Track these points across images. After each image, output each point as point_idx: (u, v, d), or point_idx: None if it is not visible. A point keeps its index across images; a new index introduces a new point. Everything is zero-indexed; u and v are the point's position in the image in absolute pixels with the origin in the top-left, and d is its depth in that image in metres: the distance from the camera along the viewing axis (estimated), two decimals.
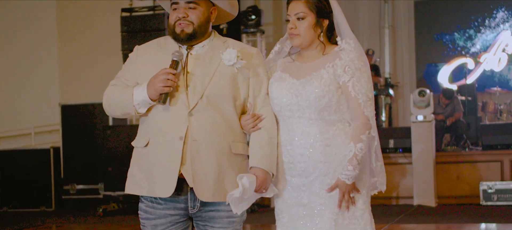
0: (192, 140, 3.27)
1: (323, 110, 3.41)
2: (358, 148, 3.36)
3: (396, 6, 14.33)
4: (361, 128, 3.39)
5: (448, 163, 10.17)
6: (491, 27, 13.75)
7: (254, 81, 3.44)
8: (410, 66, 14.05)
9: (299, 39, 3.46)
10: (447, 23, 13.97)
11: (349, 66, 3.41)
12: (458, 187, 9.88)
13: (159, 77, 3.25)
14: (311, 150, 3.41)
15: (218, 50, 3.41)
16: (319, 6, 3.46)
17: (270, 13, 14.26)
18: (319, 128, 3.41)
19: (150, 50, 3.47)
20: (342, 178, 3.37)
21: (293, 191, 3.48)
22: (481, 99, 13.01)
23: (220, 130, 3.33)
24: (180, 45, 3.42)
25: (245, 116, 3.42)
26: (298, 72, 3.49)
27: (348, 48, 3.45)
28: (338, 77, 3.42)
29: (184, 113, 3.29)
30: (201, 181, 3.28)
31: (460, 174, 9.95)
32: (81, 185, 10.64)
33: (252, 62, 3.45)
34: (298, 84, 3.43)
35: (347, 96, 3.42)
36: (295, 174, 3.46)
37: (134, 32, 10.29)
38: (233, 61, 3.36)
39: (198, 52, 3.42)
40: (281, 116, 3.48)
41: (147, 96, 3.29)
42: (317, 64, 3.47)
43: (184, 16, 3.36)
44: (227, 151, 3.35)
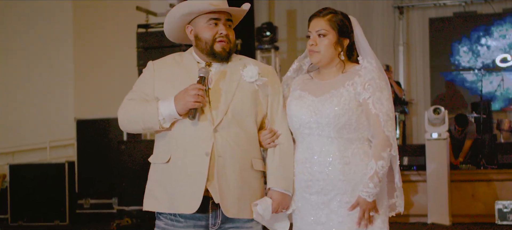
0: (217, 156, 3.28)
1: (342, 129, 3.42)
2: (379, 166, 3.37)
3: (410, 23, 14.34)
4: (382, 146, 3.40)
5: (463, 181, 10.11)
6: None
7: (272, 98, 3.48)
8: (424, 83, 14.04)
9: (319, 56, 3.49)
10: (461, 40, 13.96)
11: (369, 83, 3.43)
12: (473, 206, 9.82)
13: (190, 92, 3.25)
14: (330, 168, 3.42)
15: (237, 67, 3.45)
16: (340, 24, 3.49)
17: (284, 30, 14.31)
18: (338, 146, 3.43)
19: (167, 66, 3.48)
20: (363, 195, 3.37)
21: (312, 209, 3.48)
22: (496, 117, 12.95)
23: (243, 146, 3.36)
24: (198, 61, 3.45)
25: (263, 131, 3.45)
26: (317, 90, 3.50)
27: (370, 67, 3.48)
28: (358, 95, 3.44)
29: (209, 129, 3.30)
30: (227, 198, 3.30)
31: (475, 193, 9.89)
32: (95, 200, 10.68)
33: (270, 79, 3.49)
34: (317, 102, 3.45)
35: (367, 114, 3.43)
36: (314, 191, 3.46)
37: (150, 48, 10.34)
38: (254, 77, 3.41)
39: (218, 69, 3.44)
40: (300, 133, 3.49)
41: (175, 111, 3.28)
42: (336, 82, 3.49)
43: (227, 34, 3.39)
44: (249, 167, 3.38)
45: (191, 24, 3.45)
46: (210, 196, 3.30)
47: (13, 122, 12.52)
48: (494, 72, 13.52)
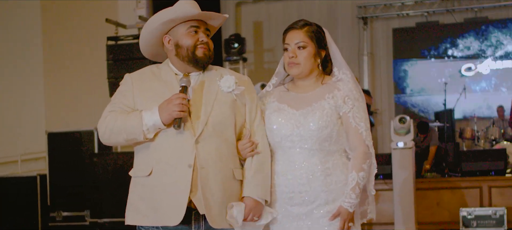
0: (200, 168, 3.32)
1: (324, 141, 3.48)
2: (360, 177, 3.46)
3: (374, 33, 14.61)
4: (363, 158, 3.49)
5: (428, 189, 10.32)
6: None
7: (249, 107, 3.52)
8: (388, 93, 14.27)
9: (299, 68, 3.54)
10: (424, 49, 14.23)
11: (348, 97, 3.51)
12: (438, 214, 10.02)
13: (174, 102, 3.28)
14: (313, 180, 3.48)
15: (214, 78, 3.48)
16: (318, 36, 3.56)
17: (251, 41, 14.45)
18: (319, 158, 3.49)
19: (145, 79, 3.49)
20: (345, 205, 3.46)
21: (293, 221, 3.53)
22: (459, 126, 13.25)
23: (224, 156, 3.40)
24: (176, 73, 3.48)
25: (242, 141, 3.48)
26: (296, 103, 3.55)
27: (346, 78, 3.58)
28: (338, 108, 3.51)
29: (191, 141, 3.33)
30: (212, 208, 3.33)
31: (440, 201, 10.09)
32: (67, 212, 10.66)
33: (247, 88, 3.52)
34: (299, 115, 3.50)
35: (347, 127, 3.51)
36: (295, 203, 3.51)
37: (120, 61, 10.34)
38: (232, 87, 3.45)
39: (196, 79, 3.48)
40: (281, 146, 3.53)
41: (160, 121, 3.31)
42: (316, 95, 3.55)
43: (207, 41, 3.46)
44: (231, 177, 3.42)
45: (169, 34, 3.48)
46: (192, 208, 3.34)
47: None
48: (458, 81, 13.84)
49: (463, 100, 13.50)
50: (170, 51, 3.50)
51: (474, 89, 13.92)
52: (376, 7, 14.53)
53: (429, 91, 13.89)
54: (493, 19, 13.94)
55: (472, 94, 13.84)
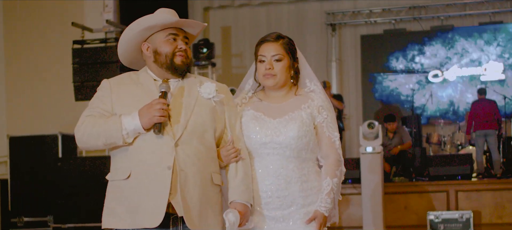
0: (179, 170, 3.32)
1: (302, 150, 3.58)
2: (334, 183, 3.58)
3: (343, 40, 14.69)
4: (336, 164, 3.62)
5: (396, 193, 10.40)
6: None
7: (229, 114, 3.56)
8: (356, 98, 14.34)
9: (275, 80, 3.62)
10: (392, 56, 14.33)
11: (322, 107, 3.63)
12: (406, 217, 10.10)
13: (155, 107, 3.29)
14: (290, 184, 3.57)
15: (194, 84, 3.51)
16: (292, 49, 3.65)
17: (219, 46, 14.43)
18: (296, 165, 3.58)
19: (124, 85, 3.49)
20: (321, 210, 3.55)
21: (271, 224, 3.60)
22: (426, 130, 13.35)
23: (203, 160, 3.41)
24: (155, 79, 3.49)
25: (226, 147, 3.51)
26: (272, 112, 3.64)
27: (317, 89, 3.68)
28: (313, 118, 3.62)
29: (170, 144, 3.33)
30: (190, 211, 3.33)
31: (408, 204, 10.17)
32: (29, 218, 10.47)
33: (226, 96, 3.57)
34: (276, 124, 3.59)
35: (321, 136, 3.63)
36: (272, 208, 3.59)
37: (85, 64, 10.23)
38: (212, 94, 3.47)
39: (175, 85, 3.49)
40: (259, 153, 3.61)
41: (140, 125, 3.31)
42: (290, 105, 3.65)
43: (185, 49, 3.47)
44: (209, 181, 3.43)
45: (148, 41, 3.50)
46: (170, 210, 3.32)
47: None
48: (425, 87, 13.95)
49: (430, 106, 13.63)
50: (149, 58, 3.52)
51: (441, 95, 14.05)
52: (344, 14, 14.61)
53: (396, 98, 13.97)
54: (458, 27, 14.13)
55: (439, 100, 13.95)
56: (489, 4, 13.94)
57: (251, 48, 14.64)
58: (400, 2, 14.34)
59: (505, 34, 13.80)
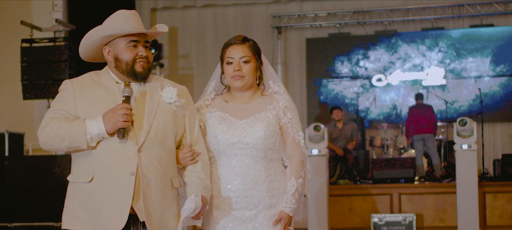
0: (142, 176, 3.36)
1: (268, 149, 3.65)
2: (299, 183, 3.66)
3: (288, 43, 14.83)
4: (300, 165, 3.69)
5: (340, 195, 10.54)
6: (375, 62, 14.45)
7: (189, 118, 3.60)
8: (301, 101, 14.49)
9: (244, 81, 3.70)
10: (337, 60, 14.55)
11: (287, 108, 3.71)
12: (350, 219, 10.25)
13: (119, 112, 3.32)
14: (258, 184, 3.64)
15: (156, 88, 3.55)
16: (258, 51, 3.74)
17: (166, 47, 14.42)
18: (263, 165, 3.65)
19: (86, 86, 3.50)
20: (287, 210, 3.63)
21: (237, 225, 3.67)
22: (369, 134, 13.60)
23: (165, 165, 3.46)
24: (117, 81, 3.51)
25: (183, 150, 3.56)
26: (238, 113, 3.71)
27: (281, 91, 3.77)
28: (279, 119, 3.69)
29: (133, 149, 3.37)
30: (151, 216, 3.38)
31: (352, 207, 10.33)
32: None
33: (187, 99, 3.62)
34: (244, 124, 3.66)
35: (286, 136, 3.70)
36: (239, 207, 3.65)
37: (34, 63, 10.14)
38: (173, 99, 3.52)
39: (138, 89, 3.52)
40: (226, 154, 3.67)
41: (104, 130, 3.33)
42: (256, 106, 3.72)
43: (146, 55, 3.49)
44: (169, 185, 3.48)
45: (109, 46, 3.51)
46: (131, 213, 3.36)
47: None
48: (369, 91, 14.20)
49: (374, 110, 13.88)
50: (110, 63, 3.54)
51: (384, 99, 14.31)
52: (290, 17, 14.74)
53: (341, 101, 14.19)
54: (401, 32, 14.38)
55: (382, 104, 14.23)
56: (431, 10, 14.27)
57: (197, 50, 14.78)
58: (345, 6, 14.56)
59: (446, 40, 14.14)
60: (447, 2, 14.20)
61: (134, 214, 3.38)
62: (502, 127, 13.95)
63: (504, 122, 13.90)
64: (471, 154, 9.85)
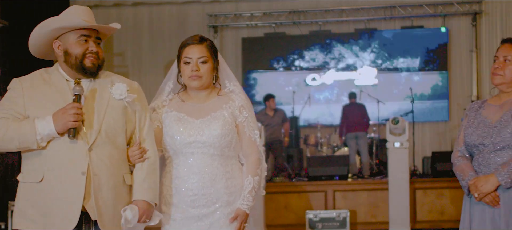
0: (93, 175, 3.34)
1: (225, 148, 3.69)
2: (255, 181, 3.72)
3: (224, 42, 14.87)
4: (257, 163, 3.75)
5: (276, 192, 10.60)
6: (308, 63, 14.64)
7: (139, 115, 3.59)
8: None
9: (201, 81, 3.72)
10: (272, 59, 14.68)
11: (243, 106, 3.76)
12: (285, 216, 10.34)
13: (69, 112, 3.29)
14: (216, 182, 3.68)
15: (106, 85, 3.52)
16: (215, 51, 3.77)
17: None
18: (220, 163, 3.70)
19: (35, 85, 3.45)
20: (244, 207, 3.69)
21: (194, 222, 3.70)
22: (304, 133, 13.78)
23: (116, 163, 3.45)
24: (67, 79, 3.47)
25: (132, 148, 3.56)
26: (195, 112, 3.74)
27: (237, 90, 3.81)
28: (235, 117, 3.73)
29: (84, 149, 3.35)
30: (104, 215, 3.37)
31: (288, 204, 10.42)
32: None
33: (137, 95, 3.60)
34: (201, 123, 3.69)
35: (242, 135, 3.75)
36: (197, 205, 3.69)
37: None
38: (124, 95, 3.51)
39: (87, 86, 3.49)
40: (183, 152, 3.69)
41: (54, 130, 3.30)
42: (213, 105, 3.76)
43: (97, 51, 3.46)
44: (121, 183, 3.48)
45: (59, 40, 3.47)
46: (83, 211, 3.34)
47: None
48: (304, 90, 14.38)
49: (308, 109, 14.06)
50: (60, 57, 3.50)
51: (318, 98, 14.52)
52: (226, 17, 14.80)
53: (277, 100, 14.31)
54: (335, 33, 14.62)
55: (316, 103, 14.43)
56: (365, 11, 14.55)
57: (132, 47, 14.70)
58: (280, 6, 14.70)
59: (379, 41, 14.45)
60: (380, 4, 14.50)
61: (86, 213, 3.37)
62: (431, 126, 14.35)
63: (432, 120, 14.30)
64: (403, 151, 10.12)
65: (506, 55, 4.05)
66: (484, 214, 4.03)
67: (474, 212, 4.09)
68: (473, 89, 14.23)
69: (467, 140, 4.14)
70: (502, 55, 4.07)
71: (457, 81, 14.41)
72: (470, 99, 14.08)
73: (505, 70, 4.06)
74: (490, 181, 3.95)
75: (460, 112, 14.06)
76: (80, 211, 3.33)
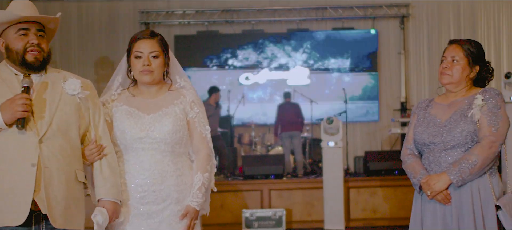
0: (44, 167, 3.27)
1: (176, 144, 3.65)
2: (205, 177, 3.69)
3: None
4: (207, 160, 3.73)
5: (212, 192, 10.53)
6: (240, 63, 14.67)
7: (93, 112, 3.55)
8: None
9: (152, 76, 3.68)
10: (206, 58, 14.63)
11: (194, 102, 3.74)
12: (222, 215, 10.30)
13: (17, 102, 3.22)
14: (166, 178, 3.63)
15: (58, 79, 3.46)
16: (166, 46, 3.75)
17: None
18: (171, 159, 3.65)
19: None
20: (193, 204, 3.66)
21: (144, 219, 3.65)
22: (238, 132, 13.79)
23: (68, 157, 3.38)
24: (16, 73, 3.40)
25: (89, 146, 3.51)
26: (145, 107, 3.69)
27: (188, 86, 3.79)
28: (186, 114, 3.70)
29: (34, 140, 3.27)
30: (54, 209, 3.29)
31: (224, 203, 10.38)
32: None
33: (91, 93, 3.57)
34: (151, 119, 3.64)
35: (193, 131, 3.72)
36: (146, 202, 3.63)
37: None
38: (77, 90, 3.46)
39: (38, 80, 3.43)
40: (134, 148, 3.63)
41: (2, 121, 3.23)
42: (163, 100, 3.71)
43: (38, 43, 3.37)
44: (74, 179, 3.41)
45: (2, 37, 3.41)
46: (34, 208, 3.27)
47: None
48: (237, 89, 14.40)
49: (242, 108, 14.07)
50: (4, 54, 3.44)
51: (251, 98, 14.57)
52: (158, 14, 14.67)
53: None
54: (268, 33, 14.69)
55: (250, 102, 14.48)
56: (297, 12, 14.67)
57: (61, 43, 14.38)
58: (213, 5, 14.67)
59: (311, 42, 14.60)
60: (312, 5, 14.64)
61: (36, 209, 3.29)
62: (362, 126, 14.60)
63: (363, 121, 14.54)
64: (337, 150, 10.25)
65: (454, 56, 4.14)
66: (435, 212, 4.10)
67: (425, 210, 4.16)
68: (402, 90, 14.56)
69: (417, 138, 4.22)
70: (450, 55, 4.16)
71: (387, 82, 14.71)
72: (399, 101, 14.41)
73: (452, 70, 4.14)
74: (442, 179, 4.02)
75: (389, 113, 14.37)
76: (30, 204, 3.25)
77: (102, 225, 3.43)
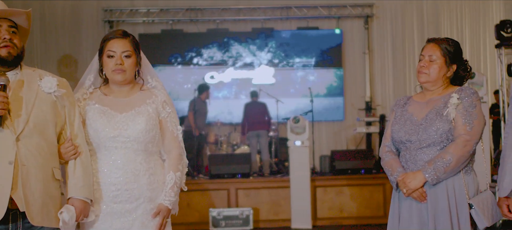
0: (21, 165, 3.25)
1: (149, 143, 3.67)
2: (177, 176, 3.71)
3: None
4: (179, 159, 3.76)
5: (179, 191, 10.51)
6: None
7: (69, 110, 3.54)
8: None
9: (125, 75, 3.69)
10: (170, 56, 14.57)
11: (166, 102, 3.76)
12: (189, 214, 10.27)
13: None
14: (139, 177, 3.64)
15: (34, 77, 3.45)
16: (138, 46, 3.77)
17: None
18: (144, 158, 3.66)
19: None
20: (166, 203, 3.67)
21: (117, 218, 3.65)
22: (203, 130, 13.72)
23: (45, 155, 3.37)
24: None
25: (65, 144, 3.50)
26: (118, 106, 3.69)
27: (159, 86, 3.82)
28: (158, 113, 3.72)
29: (11, 138, 3.25)
30: (32, 206, 3.28)
31: (191, 202, 10.36)
32: None
33: (67, 91, 3.56)
34: (124, 118, 3.65)
35: (164, 130, 3.75)
36: (119, 200, 3.64)
37: None
38: (53, 89, 3.45)
39: (14, 78, 3.41)
40: (106, 147, 3.63)
41: None
42: (135, 100, 3.74)
43: (11, 38, 3.36)
44: (51, 176, 3.40)
45: None
46: (11, 206, 3.26)
47: None
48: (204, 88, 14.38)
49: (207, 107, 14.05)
50: None
51: (217, 96, 14.54)
52: (122, 12, 14.56)
53: (175, 96, 14.21)
54: (233, 32, 14.69)
55: (215, 101, 14.43)
56: (262, 11, 14.70)
57: None
58: (177, 4, 14.61)
59: (276, 41, 14.63)
60: (276, 4, 14.68)
61: (13, 207, 3.27)
62: (327, 125, 14.66)
63: (329, 120, 14.61)
64: (304, 150, 10.29)
65: (431, 55, 4.17)
66: (411, 210, 4.14)
67: (402, 207, 4.20)
68: (367, 90, 14.66)
69: (394, 136, 4.25)
70: (428, 54, 4.19)
71: (351, 82, 14.81)
72: (364, 100, 14.50)
73: (429, 69, 4.17)
74: (418, 177, 4.06)
75: (354, 112, 14.47)
76: (8, 202, 3.23)
77: (68, 222, 3.41)
